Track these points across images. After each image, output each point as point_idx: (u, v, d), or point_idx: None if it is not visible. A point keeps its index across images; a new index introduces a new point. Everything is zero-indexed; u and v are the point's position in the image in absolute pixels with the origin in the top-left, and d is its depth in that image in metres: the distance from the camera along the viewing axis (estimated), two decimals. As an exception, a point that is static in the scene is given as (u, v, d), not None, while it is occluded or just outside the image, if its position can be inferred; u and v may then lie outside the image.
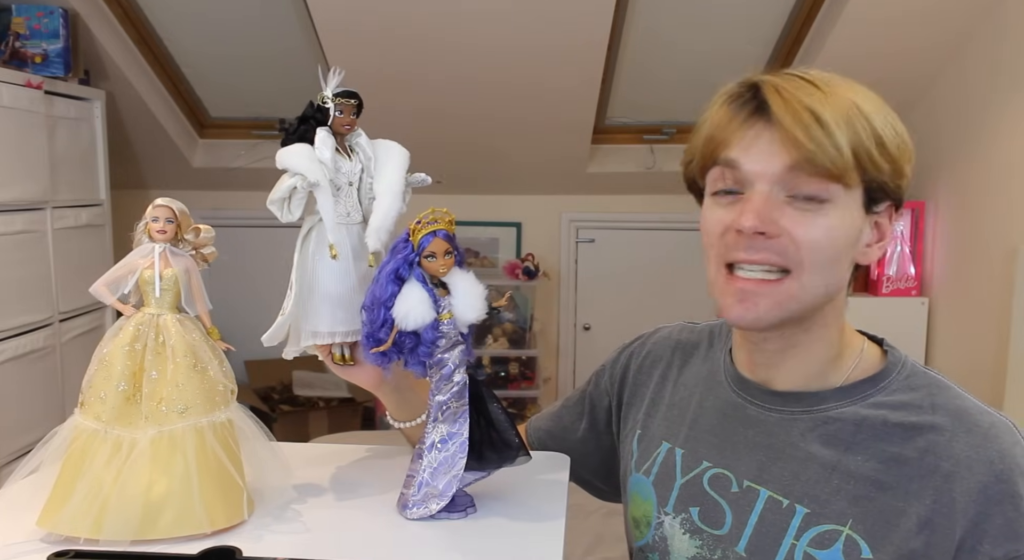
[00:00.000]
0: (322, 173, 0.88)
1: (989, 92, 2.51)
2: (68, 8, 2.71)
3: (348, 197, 0.91)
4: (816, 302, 0.82)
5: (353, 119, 0.91)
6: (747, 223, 0.77)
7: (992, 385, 2.35)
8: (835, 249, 0.79)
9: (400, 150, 0.93)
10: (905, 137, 0.80)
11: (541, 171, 3.53)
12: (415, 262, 0.85)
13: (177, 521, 0.80)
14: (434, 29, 2.69)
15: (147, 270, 0.84)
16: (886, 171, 0.78)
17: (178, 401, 0.82)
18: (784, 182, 0.77)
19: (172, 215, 0.84)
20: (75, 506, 0.80)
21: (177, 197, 0.90)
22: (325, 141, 0.90)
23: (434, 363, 0.88)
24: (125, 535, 0.79)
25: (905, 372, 0.85)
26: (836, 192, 0.77)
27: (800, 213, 0.78)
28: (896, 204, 0.83)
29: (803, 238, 0.77)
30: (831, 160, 0.75)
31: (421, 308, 0.84)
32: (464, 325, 0.88)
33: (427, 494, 0.87)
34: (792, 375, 0.86)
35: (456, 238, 0.86)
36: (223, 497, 0.82)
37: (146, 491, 0.79)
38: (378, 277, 0.86)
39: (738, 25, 2.86)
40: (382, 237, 0.89)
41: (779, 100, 0.77)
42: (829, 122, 0.75)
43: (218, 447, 0.82)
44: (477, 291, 0.87)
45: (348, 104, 0.90)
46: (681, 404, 0.96)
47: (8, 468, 2.42)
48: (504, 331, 3.57)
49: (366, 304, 0.87)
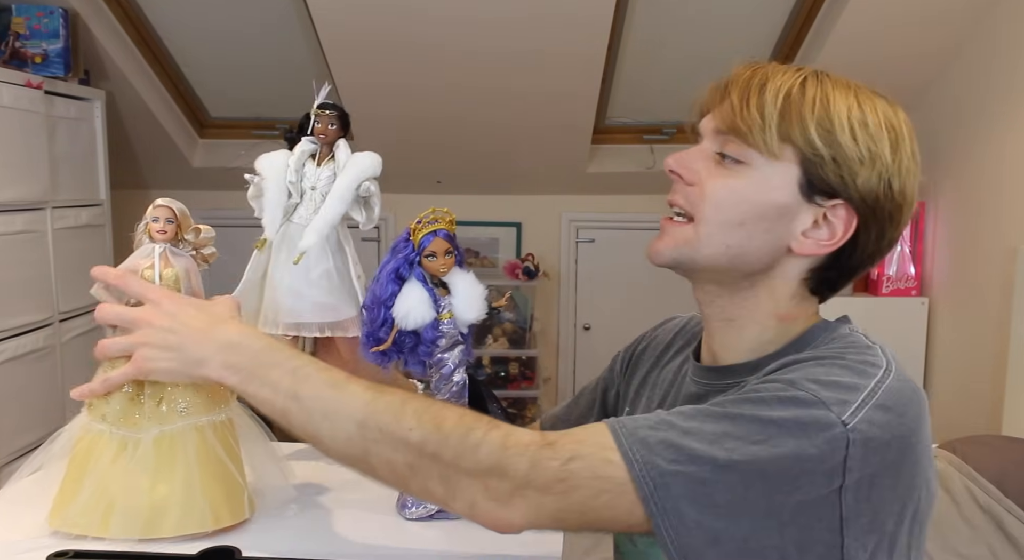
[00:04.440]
0: (278, 176, 0.99)
1: (988, 92, 2.51)
2: (68, 8, 2.71)
3: (311, 201, 0.98)
4: (720, 260, 0.82)
5: (330, 129, 0.97)
6: (666, 161, 0.83)
7: (992, 385, 2.35)
8: (739, 211, 0.80)
9: (362, 161, 0.97)
10: (875, 143, 0.78)
11: (541, 171, 3.53)
12: (415, 261, 0.85)
13: (181, 520, 0.80)
14: (434, 29, 2.69)
15: (148, 270, 0.84)
16: (825, 158, 0.78)
17: (179, 401, 0.82)
18: (716, 140, 0.82)
19: (172, 215, 0.85)
20: (82, 505, 0.81)
21: (177, 197, 0.91)
22: (300, 147, 0.99)
23: (434, 363, 0.88)
24: (131, 534, 0.80)
25: (832, 335, 0.82)
26: (754, 158, 0.79)
27: (718, 169, 0.81)
28: (855, 209, 0.79)
29: (708, 190, 0.81)
30: (748, 123, 0.78)
31: (421, 308, 0.85)
32: (464, 325, 0.88)
33: (427, 494, 0.87)
34: (728, 350, 0.87)
35: (456, 238, 0.87)
36: (225, 496, 0.82)
37: (150, 490, 0.80)
38: (379, 276, 0.86)
39: (738, 25, 2.86)
40: (312, 237, 0.94)
41: (745, 72, 0.81)
42: (768, 91, 0.78)
43: (219, 446, 0.83)
44: (477, 291, 0.87)
45: (323, 115, 0.97)
46: (662, 385, 0.97)
47: (8, 468, 2.42)
48: (504, 331, 3.57)
49: (366, 303, 0.87)
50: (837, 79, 0.81)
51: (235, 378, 0.76)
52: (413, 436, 0.71)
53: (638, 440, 0.69)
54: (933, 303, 2.77)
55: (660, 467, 0.68)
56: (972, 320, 2.56)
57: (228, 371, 0.76)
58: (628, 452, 0.69)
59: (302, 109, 0.99)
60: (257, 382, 0.76)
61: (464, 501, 0.71)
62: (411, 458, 0.72)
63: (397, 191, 3.67)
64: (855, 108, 0.79)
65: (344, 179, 0.95)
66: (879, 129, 0.79)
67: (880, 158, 0.79)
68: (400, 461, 0.72)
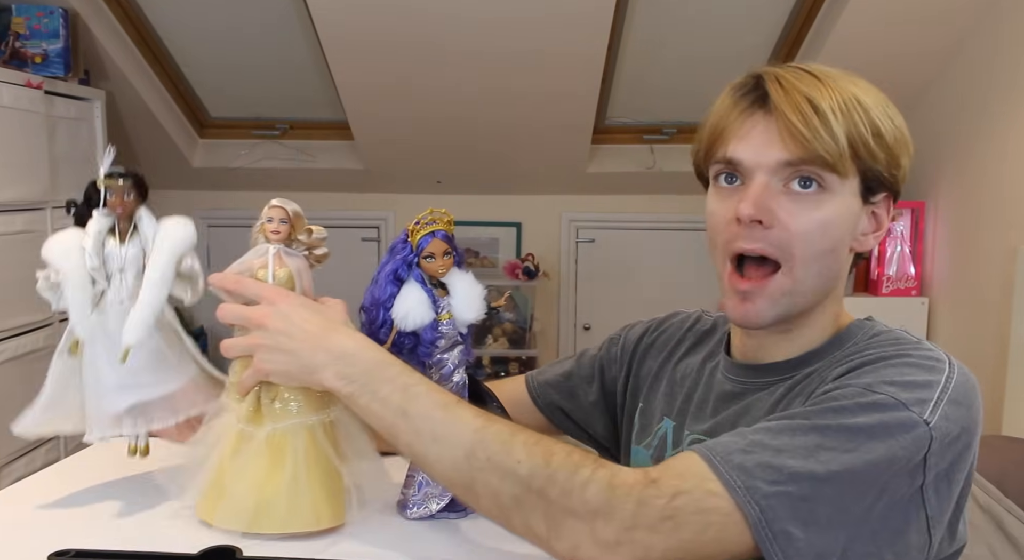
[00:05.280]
0: (79, 263, 0.84)
1: (989, 92, 2.51)
2: (68, 8, 2.71)
3: (121, 284, 0.86)
4: (813, 294, 0.82)
5: (128, 201, 0.85)
6: (745, 211, 0.78)
7: (992, 385, 2.35)
8: (830, 240, 0.80)
9: (175, 232, 0.86)
10: (903, 129, 0.81)
11: (541, 171, 3.53)
12: (414, 263, 0.85)
13: (286, 518, 0.81)
14: (435, 29, 2.69)
15: (261, 270, 0.85)
16: (882, 161, 0.79)
17: (291, 399, 0.83)
18: (781, 172, 0.79)
19: (286, 216, 0.86)
20: (200, 489, 0.84)
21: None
22: (94, 225, 0.85)
23: (434, 363, 0.88)
24: (236, 527, 0.81)
25: (871, 332, 0.84)
26: (832, 182, 0.78)
27: (795, 203, 0.79)
28: (893, 195, 0.84)
29: (796, 229, 0.79)
30: (827, 149, 0.76)
31: (420, 309, 0.85)
32: (463, 325, 0.88)
33: (427, 494, 0.87)
34: (779, 352, 0.87)
35: (455, 238, 0.87)
36: (329, 496, 0.83)
37: (259, 485, 0.81)
38: (377, 278, 0.86)
39: (738, 25, 2.86)
40: (138, 331, 0.83)
41: (779, 90, 0.78)
42: (826, 111, 0.76)
43: (327, 445, 0.84)
44: (476, 291, 0.87)
45: (117, 186, 0.85)
46: (680, 382, 0.98)
47: (8, 468, 2.42)
48: (504, 331, 3.57)
49: (365, 305, 0.87)
50: (836, 73, 0.81)
51: (347, 389, 0.76)
52: (521, 469, 0.70)
53: (735, 467, 0.68)
54: (933, 303, 2.77)
55: (762, 490, 0.67)
56: (972, 320, 2.56)
57: (341, 381, 0.76)
58: (729, 480, 0.68)
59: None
60: (368, 395, 0.75)
61: (567, 543, 0.69)
62: (518, 491, 0.70)
63: (397, 191, 3.69)
64: (879, 102, 0.80)
65: (160, 258, 0.85)
66: (897, 114, 0.81)
67: (909, 142, 0.81)
68: (506, 493, 0.71)
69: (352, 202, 3.63)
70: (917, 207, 2.80)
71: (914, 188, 2.83)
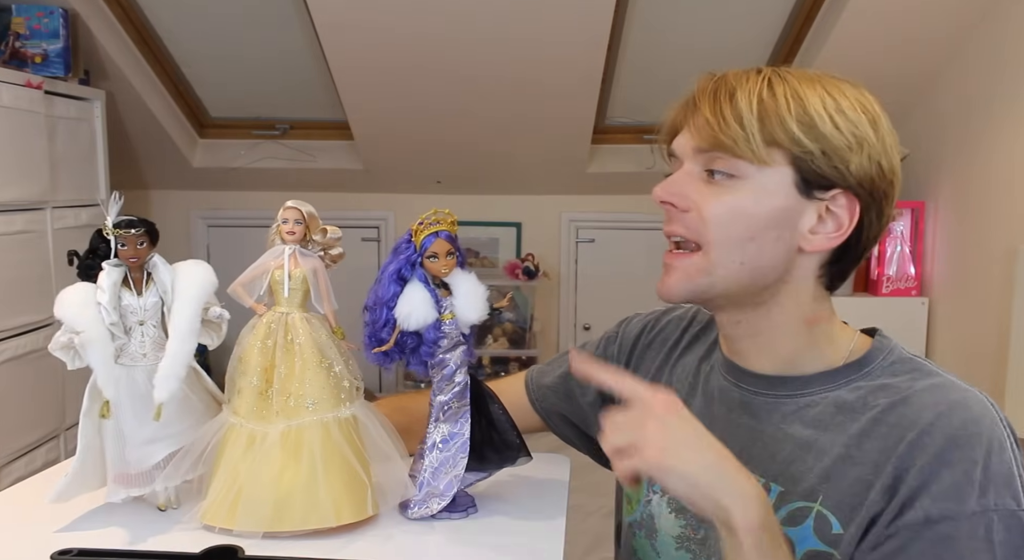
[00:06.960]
0: (97, 320, 0.80)
1: (989, 92, 2.51)
2: (68, 8, 2.71)
3: (143, 337, 0.83)
4: (738, 280, 0.82)
5: (141, 249, 0.81)
6: (654, 193, 0.83)
7: (992, 385, 2.35)
8: (745, 227, 0.80)
9: (199, 278, 0.84)
10: (857, 127, 0.79)
11: (541, 171, 3.53)
12: (417, 263, 0.85)
13: (305, 515, 0.81)
14: (435, 30, 2.69)
15: (277, 270, 0.86)
16: (816, 154, 0.78)
17: (306, 396, 0.83)
18: (697, 158, 0.82)
19: (301, 217, 0.86)
20: (213, 497, 0.82)
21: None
22: (107, 278, 0.81)
23: (436, 363, 0.88)
24: (257, 527, 0.80)
25: (890, 358, 0.84)
26: (744, 169, 0.79)
27: (711, 189, 0.81)
28: (857, 195, 0.80)
29: (709, 213, 0.80)
30: (729, 135, 0.77)
31: (423, 308, 0.85)
32: (466, 325, 0.88)
33: (428, 494, 0.87)
34: (762, 361, 0.87)
35: (458, 239, 0.87)
36: (348, 492, 0.83)
37: (276, 484, 0.81)
38: (380, 278, 0.86)
39: (739, 24, 2.86)
40: (170, 386, 0.81)
41: (709, 85, 0.81)
42: (740, 100, 0.78)
43: (343, 442, 0.84)
44: (479, 292, 0.87)
45: (129, 236, 0.81)
46: (677, 384, 0.97)
47: (8, 468, 2.42)
48: (504, 331, 3.57)
49: (368, 304, 0.87)
50: (799, 73, 0.82)
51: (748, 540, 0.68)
52: None
53: None
54: (933, 303, 2.77)
55: None
56: (972, 320, 2.56)
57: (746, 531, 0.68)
58: None
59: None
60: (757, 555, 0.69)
61: None
62: None
63: (397, 191, 3.69)
64: (827, 97, 0.79)
65: (186, 308, 0.82)
66: (856, 113, 0.80)
67: (866, 140, 0.80)
68: None
69: (352, 202, 3.63)
70: (917, 207, 2.80)
71: (914, 188, 2.83)
